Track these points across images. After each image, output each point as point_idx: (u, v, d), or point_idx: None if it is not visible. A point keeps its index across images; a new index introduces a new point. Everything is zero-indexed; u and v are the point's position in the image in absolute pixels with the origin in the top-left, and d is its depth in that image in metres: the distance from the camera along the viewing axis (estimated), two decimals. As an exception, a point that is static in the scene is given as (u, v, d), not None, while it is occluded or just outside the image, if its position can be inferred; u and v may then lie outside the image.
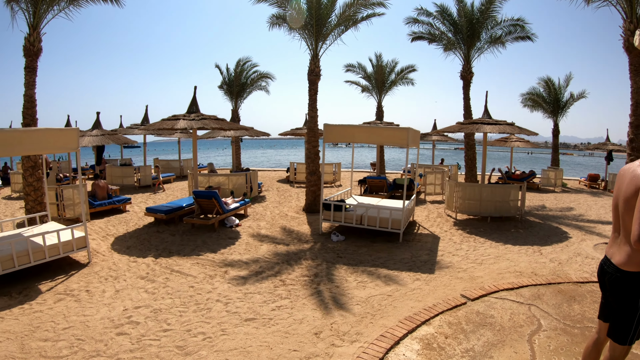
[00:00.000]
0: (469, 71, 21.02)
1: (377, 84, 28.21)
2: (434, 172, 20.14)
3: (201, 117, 13.56)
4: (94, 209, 14.93)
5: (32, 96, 12.78)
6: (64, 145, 9.35)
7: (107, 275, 9.12)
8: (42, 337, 6.45)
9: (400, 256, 10.33)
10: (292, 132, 26.99)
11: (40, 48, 12.95)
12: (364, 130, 12.18)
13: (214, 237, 12.09)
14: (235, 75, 29.81)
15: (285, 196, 19.65)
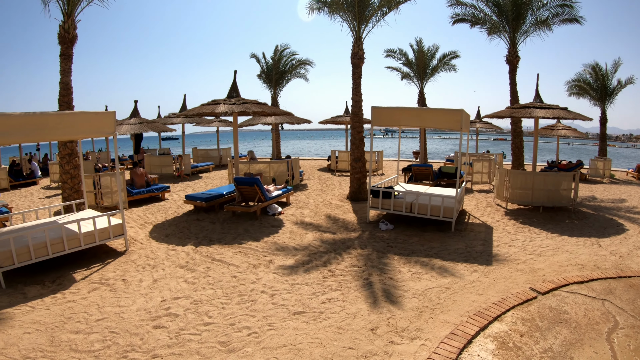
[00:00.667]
0: (514, 55, 19.95)
1: (419, 70, 27.24)
2: (481, 160, 19.20)
3: (242, 101, 12.99)
4: (132, 197, 14.57)
5: (67, 83, 12.40)
6: (100, 129, 8.88)
7: (144, 264, 8.63)
8: (73, 329, 5.96)
9: (454, 246, 9.67)
10: (332, 119, 26.39)
11: (75, 35, 12.54)
12: (414, 112, 11.46)
13: (256, 225, 11.53)
14: (274, 62, 29.26)
15: (327, 184, 19.01)
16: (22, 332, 5.89)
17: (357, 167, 15.23)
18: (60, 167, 12.53)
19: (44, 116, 7.95)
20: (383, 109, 11.40)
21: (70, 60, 12.51)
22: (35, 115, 7.75)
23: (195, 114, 13.12)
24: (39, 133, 7.96)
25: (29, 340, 5.66)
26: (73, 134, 8.60)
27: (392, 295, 7.00)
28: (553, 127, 24.81)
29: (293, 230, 11.06)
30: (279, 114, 14.32)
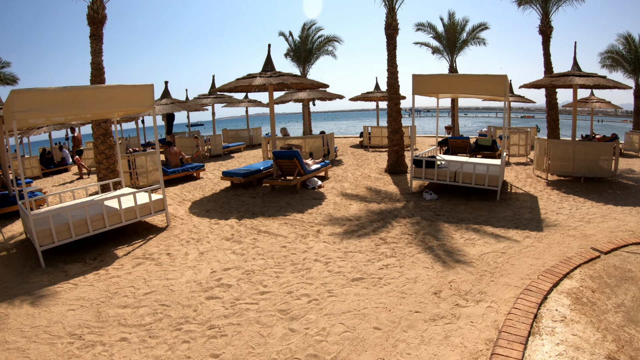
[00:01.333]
0: (547, 25, 19.26)
1: (449, 44, 26.43)
2: (517, 132, 18.56)
3: (279, 74, 12.58)
4: (167, 176, 14.30)
5: (99, 64, 12.25)
6: (138, 102, 8.52)
7: (188, 238, 8.32)
8: (120, 303, 5.67)
9: (501, 214, 9.33)
10: (362, 96, 25.85)
11: (104, 15, 12.40)
12: (456, 79, 10.98)
13: (298, 198, 11.16)
14: (301, 40, 28.78)
15: (362, 159, 18.53)
16: (66, 309, 5.63)
17: (395, 139, 14.78)
18: (95, 147, 12.37)
19: (80, 90, 7.66)
20: (424, 76, 10.95)
21: (100, 40, 12.35)
22: (71, 89, 7.48)
23: (232, 87, 12.75)
24: (75, 108, 7.67)
25: (73, 316, 5.39)
26: (110, 107, 8.30)
27: (449, 260, 6.70)
28: (587, 99, 23.84)
29: (337, 202, 10.67)
30: (317, 85, 13.83)
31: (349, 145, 24.87)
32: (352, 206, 10.22)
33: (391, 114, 14.87)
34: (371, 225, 8.68)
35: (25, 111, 6.88)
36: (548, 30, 19.27)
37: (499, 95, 10.41)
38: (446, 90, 11.16)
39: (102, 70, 12.25)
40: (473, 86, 10.81)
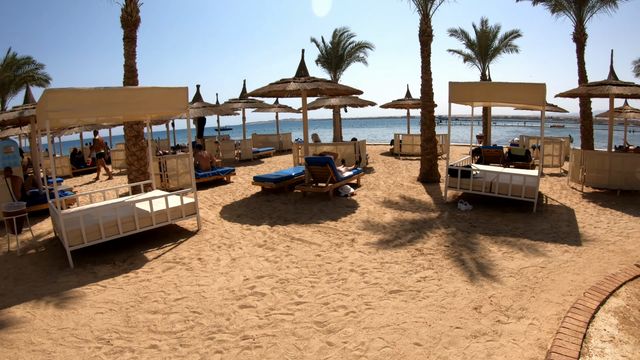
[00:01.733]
0: (582, 32, 18.77)
1: (481, 51, 25.84)
2: (551, 142, 18.09)
3: (313, 79, 12.39)
4: (198, 179, 14.22)
5: (132, 66, 12.27)
6: (172, 105, 8.40)
7: (219, 243, 8.14)
8: (150, 308, 5.49)
9: (538, 227, 8.95)
10: (393, 103, 25.48)
11: (138, 18, 12.44)
12: (493, 87, 10.66)
13: (330, 206, 10.91)
14: (333, 47, 28.69)
15: (394, 167, 18.22)
16: (94, 312, 5.48)
17: (428, 147, 14.48)
18: (127, 149, 12.35)
19: (113, 91, 7.60)
20: (461, 84, 10.68)
21: (134, 42, 12.38)
22: (105, 90, 7.40)
23: (265, 92, 12.61)
24: (108, 109, 7.59)
25: (102, 320, 5.24)
26: (143, 109, 8.24)
27: (488, 274, 6.42)
28: (620, 109, 22.60)
29: (370, 210, 10.40)
30: (351, 92, 13.59)
31: (380, 153, 24.58)
32: (386, 215, 9.95)
33: (425, 122, 14.58)
34: (406, 235, 8.41)
35: (58, 111, 6.82)
36: (582, 37, 18.82)
37: (536, 104, 10.10)
38: (482, 98, 10.87)
39: (135, 73, 12.25)
40: (510, 95, 10.49)
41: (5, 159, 13.73)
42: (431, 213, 10.16)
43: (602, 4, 18.54)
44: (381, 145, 31.56)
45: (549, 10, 19.82)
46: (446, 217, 9.81)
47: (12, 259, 7.83)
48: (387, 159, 21.76)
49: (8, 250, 8.38)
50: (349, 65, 29.57)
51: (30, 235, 9.24)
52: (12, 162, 13.55)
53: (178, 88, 8.37)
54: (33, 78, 24.42)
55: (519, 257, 7.10)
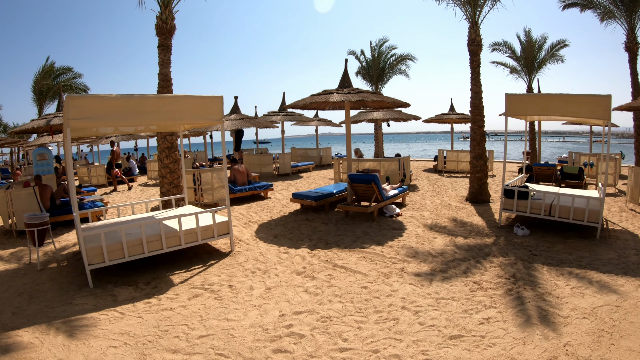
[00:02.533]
0: (634, 41, 17.82)
1: (526, 63, 25.07)
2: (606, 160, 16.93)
3: (357, 90, 11.59)
4: (234, 194, 13.54)
5: (167, 74, 11.82)
6: (206, 114, 7.73)
7: (253, 268, 7.36)
8: (170, 345, 4.78)
9: (605, 256, 7.98)
10: (437, 118, 24.57)
11: (173, 26, 12.01)
12: (556, 99, 9.71)
13: (375, 228, 10.04)
14: (373, 59, 27.99)
15: (439, 185, 17.31)
16: (107, 344, 4.83)
17: (478, 165, 13.53)
18: (159, 160, 11.81)
19: (142, 99, 6.98)
20: (518, 96, 10.00)
21: (169, 51, 11.95)
22: (133, 97, 6.81)
23: (307, 104, 11.85)
24: (137, 117, 6.98)
25: (114, 356, 4.57)
26: (175, 119, 7.54)
27: (559, 315, 5.54)
28: None
29: (418, 234, 9.52)
30: (398, 104, 12.70)
31: (422, 170, 23.71)
32: (436, 240, 9.06)
33: (475, 137, 13.66)
34: (461, 264, 7.54)
35: (80, 119, 6.29)
36: (635, 47, 17.88)
37: (601, 117, 9.34)
38: (541, 111, 9.98)
39: (170, 82, 11.77)
40: (572, 108, 9.67)
41: (38, 166, 13.53)
42: (485, 238, 9.25)
43: None
44: (423, 161, 30.63)
45: (598, 18, 19.03)
46: (502, 243, 8.91)
47: (32, 273, 7.40)
48: (430, 175, 20.86)
49: (29, 262, 7.99)
50: (390, 77, 28.84)
51: (53, 248, 8.77)
52: (46, 170, 13.34)
53: (212, 97, 7.70)
54: (70, 87, 24.43)
55: (589, 294, 6.22)
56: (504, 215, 10.99)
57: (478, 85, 13.45)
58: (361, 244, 8.71)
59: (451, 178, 19.72)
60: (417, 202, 13.39)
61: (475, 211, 12.01)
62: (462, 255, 8.02)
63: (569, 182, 16.01)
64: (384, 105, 12.99)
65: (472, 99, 13.58)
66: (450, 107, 24.65)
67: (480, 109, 13.51)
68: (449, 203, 13.18)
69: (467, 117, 23.30)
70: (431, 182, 18.19)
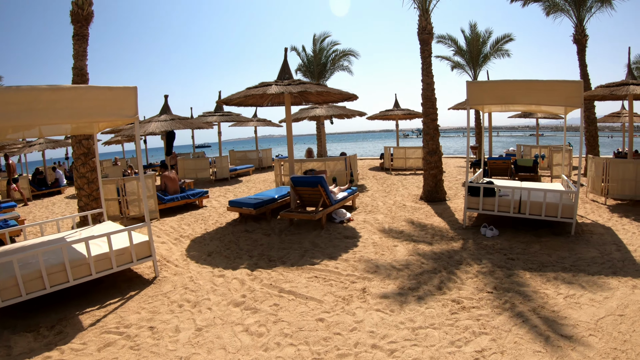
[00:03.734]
0: (582, 34, 17.60)
1: (471, 57, 25.08)
2: (561, 151, 16.52)
3: (299, 82, 10.30)
4: (165, 204, 12.09)
5: (82, 68, 10.36)
6: (116, 110, 6.21)
7: (181, 300, 5.98)
8: None
9: (586, 254, 7.33)
10: (381, 114, 23.69)
11: (91, 12, 10.58)
12: (523, 86, 8.80)
13: (325, 237, 8.82)
14: (314, 55, 26.92)
15: (388, 184, 16.30)
16: None
17: (433, 161, 12.58)
18: (75, 170, 10.36)
19: (33, 91, 5.39)
20: (483, 84, 9.29)
21: (85, 41, 10.52)
22: (19, 90, 5.26)
23: (242, 98, 10.45)
24: (28, 115, 5.38)
25: None
26: (78, 117, 5.93)
27: (562, 334, 4.68)
28: (619, 113, 22.16)
29: (376, 242, 8.37)
30: (346, 96, 11.47)
31: (368, 168, 22.83)
32: (397, 248, 7.93)
33: (428, 131, 12.69)
34: (432, 277, 6.42)
35: None
36: (583, 39, 17.69)
37: (571, 105, 8.60)
38: (506, 99, 9.06)
39: (86, 77, 10.34)
40: (540, 95, 8.82)
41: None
42: (452, 243, 8.26)
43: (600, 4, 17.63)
44: (367, 159, 29.72)
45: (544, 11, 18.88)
46: (472, 247, 7.94)
47: None
48: (377, 174, 19.95)
49: None
50: (332, 74, 27.93)
51: None
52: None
53: (124, 88, 6.23)
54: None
55: (586, 302, 5.41)
56: (462, 217, 10.13)
57: (430, 76, 12.62)
58: (311, 258, 7.46)
59: (400, 176, 18.88)
60: (368, 203, 12.29)
61: (434, 211, 11.07)
62: (430, 265, 6.94)
63: (523, 175, 15.48)
64: (329, 99, 11.77)
65: (424, 90, 12.69)
66: (394, 103, 23.82)
67: (432, 101, 12.62)
68: (403, 203, 12.16)
69: (413, 113, 22.61)
70: (380, 181, 17.21)
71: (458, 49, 25.49)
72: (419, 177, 17.34)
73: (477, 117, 24.97)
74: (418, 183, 15.75)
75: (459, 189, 14.34)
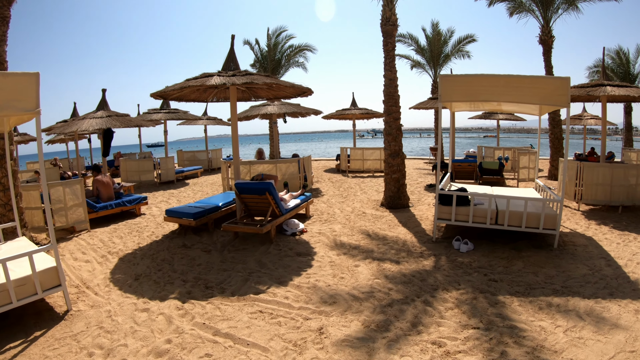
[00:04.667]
0: (549, 34, 17.17)
1: (432, 57, 24.86)
2: (528, 153, 15.95)
3: (245, 72, 9.05)
4: (96, 213, 10.74)
5: (1, 55, 8.75)
6: (9, 102, 4.99)
7: (93, 346, 4.73)
8: None
9: (576, 272, 6.58)
10: (338, 113, 22.76)
11: None
12: (504, 81, 7.81)
13: (274, 254, 7.68)
14: (269, 49, 25.80)
15: (345, 188, 15.29)
16: None
17: (395, 164, 11.62)
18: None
19: None
20: (457, 77, 8.01)
21: (5, 23, 8.91)
22: None
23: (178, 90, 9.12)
24: None
25: None
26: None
27: None
28: (580, 116, 22.04)
29: (333, 260, 7.27)
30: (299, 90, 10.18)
31: (324, 170, 21.85)
32: (359, 269, 6.86)
33: (390, 132, 11.70)
34: (404, 310, 5.36)
35: None
36: (550, 39, 17.20)
37: (558, 104, 7.79)
38: (484, 96, 8.04)
39: (5, 65, 8.74)
40: (523, 92, 7.82)
41: None
42: (422, 260, 7.27)
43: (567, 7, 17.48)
44: (323, 160, 28.69)
45: (508, 12, 18.73)
46: (446, 266, 6.97)
47: None
48: (333, 176, 18.97)
49: None
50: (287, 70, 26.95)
51: None
52: None
53: (20, 75, 5.00)
54: None
55: (590, 337, 4.62)
56: (429, 228, 9.33)
57: (393, 71, 11.65)
58: (256, 284, 6.28)
59: (357, 178, 17.98)
60: (323, 211, 11.24)
61: (397, 220, 10.14)
62: (400, 293, 5.90)
63: (487, 178, 14.82)
64: (281, 94, 10.62)
65: (386, 87, 11.72)
66: (352, 102, 22.99)
67: (395, 99, 11.68)
68: (363, 211, 11.17)
69: (371, 112, 21.88)
70: (336, 185, 16.20)
71: (419, 48, 25.16)
72: (377, 180, 16.45)
73: (437, 117, 24.13)
74: (377, 187, 14.84)
75: (422, 193, 13.46)
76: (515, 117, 22.43)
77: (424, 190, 14.23)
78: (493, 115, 21.79)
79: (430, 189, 14.63)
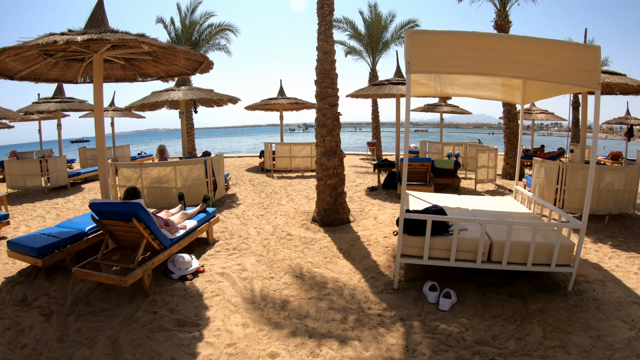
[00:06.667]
0: (505, 19, 15.89)
1: (370, 43, 23.20)
2: (487, 151, 14.05)
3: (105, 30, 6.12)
4: None
5: None
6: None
7: None
8: None
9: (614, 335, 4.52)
10: (263, 103, 20.17)
11: None
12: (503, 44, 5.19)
13: (143, 323, 4.86)
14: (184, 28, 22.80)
15: (267, 193, 12.70)
16: None
17: (332, 166, 9.06)
18: None
19: None
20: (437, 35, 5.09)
21: None
22: None
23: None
24: None
25: None
26: None
27: None
28: (530, 110, 21.45)
29: (236, 341, 4.51)
30: (195, 60, 7.54)
31: (246, 169, 19.24)
32: (276, 358, 4.20)
33: (324, 122, 9.08)
34: None
35: None
36: (506, 25, 15.98)
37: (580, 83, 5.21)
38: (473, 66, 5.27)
39: None
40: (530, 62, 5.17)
41: None
42: (385, 334, 4.62)
43: None
44: (247, 156, 25.90)
45: None
46: (424, 344, 4.39)
47: None
48: (256, 177, 16.45)
49: None
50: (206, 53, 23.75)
51: None
52: None
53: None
54: None
55: None
56: (384, 259, 6.74)
57: (329, 41, 8.98)
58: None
59: (283, 179, 15.59)
60: (234, 230, 8.60)
61: (337, 247, 7.56)
62: None
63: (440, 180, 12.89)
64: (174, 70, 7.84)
65: (320, 62, 9.05)
66: (279, 91, 20.57)
67: (332, 78, 9.02)
68: (288, 231, 8.57)
69: (301, 102, 19.72)
70: (257, 188, 13.61)
71: (356, 33, 23.52)
72: (308, 182, 13.92)
73: (375, 109, 23.36)
74: (307, 191, 12.36)
75: (364, 200, 10.99)
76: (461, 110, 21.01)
77: (365, 195, 11.82)
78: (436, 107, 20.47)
79: (373, 192, 12.27)
